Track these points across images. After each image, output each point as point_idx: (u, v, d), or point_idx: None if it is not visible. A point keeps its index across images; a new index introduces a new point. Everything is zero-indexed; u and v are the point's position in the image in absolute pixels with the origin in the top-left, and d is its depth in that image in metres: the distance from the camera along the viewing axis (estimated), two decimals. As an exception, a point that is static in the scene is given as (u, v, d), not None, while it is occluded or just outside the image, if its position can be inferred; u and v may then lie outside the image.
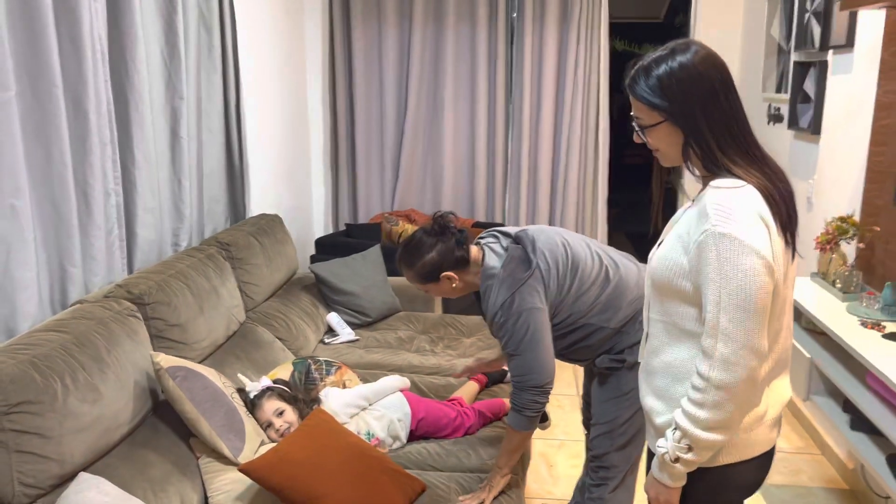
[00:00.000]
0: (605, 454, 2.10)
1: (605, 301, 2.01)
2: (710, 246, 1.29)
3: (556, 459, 3.11)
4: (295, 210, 4.43)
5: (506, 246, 2.03)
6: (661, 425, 1.45)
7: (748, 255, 1.26)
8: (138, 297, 2.20)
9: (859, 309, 2.43)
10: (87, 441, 1.75)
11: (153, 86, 2.69)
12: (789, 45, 3.67)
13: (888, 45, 2.61)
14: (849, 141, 2.93)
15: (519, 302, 1.92)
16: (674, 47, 1.38)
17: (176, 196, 2.86)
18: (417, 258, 2.02)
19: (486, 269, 2.00)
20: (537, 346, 1.93)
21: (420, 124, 4.66)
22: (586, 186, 4.68)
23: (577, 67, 4.49)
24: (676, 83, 1.35)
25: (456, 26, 4.51)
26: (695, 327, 1.38)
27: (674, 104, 1.35)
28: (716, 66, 1.36)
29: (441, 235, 2.03)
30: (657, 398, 1.47)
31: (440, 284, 2.05)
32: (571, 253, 2.02)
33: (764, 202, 1.31)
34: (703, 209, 1.33)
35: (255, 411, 2.17)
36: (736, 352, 1.27)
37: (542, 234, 2.04)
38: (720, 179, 1.35)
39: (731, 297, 1.27)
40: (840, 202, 2.99)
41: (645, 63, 1.39)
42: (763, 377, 1.35)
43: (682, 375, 1.41)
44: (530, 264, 1.95)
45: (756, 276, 1.26)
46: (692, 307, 1.37)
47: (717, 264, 1.28)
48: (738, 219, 1.28)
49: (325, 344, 3.18)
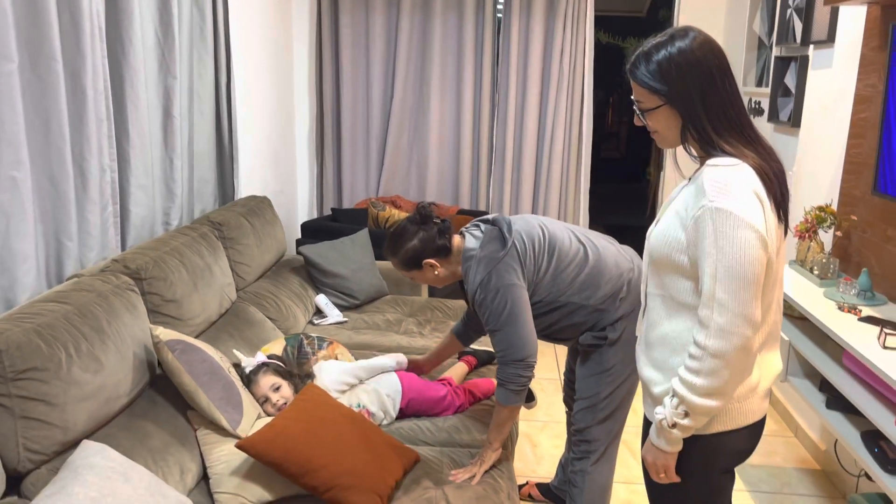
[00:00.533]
0: (587, 428, 2.18)
1: (584, 280, 2.09)
2: (707, 220, 1.35)
3: (540, 440, 3.18)
4: (280, 194, 4.45)
5: (484, 230, 2.12)
6: (659, 395, 1.51)
7: (743, 228, 1.33)
8: (135, 272, 2.22)
9: (836, 294, 2.52)
10: (90, 409, 1.77)
11: (147, 64, 2.69)
12: (771, 39, 3.76)
13: (868, 41, 2.70)
14: (827, 133, 3.03)
15: (496, 279, 2.00)
16: (673, 33, 1.44)
17: (167, 175, 2.87)
18: (401, 245, 2.12)
19: (466, 252, 2.09)
20: (516, 320, 2.00)
21: (406, 112, 4.69)
22: (569, 176, 4.75)
23: (563, 59, 4.55)
24: (675, 68, 1.41)
25: (443, 15, 4.55)
26: (692, 300, 1.44)
27: (672, 88, 1.42)
28: (713, 51, 1.43)
29: (423, 224, 2.12)
30: (655, 369, 1.53)
31: (423, 272, 2.14)
32: (548, 234, 2.11)
33: (758, 179, 1.38)
34: (700, 186, 1.39)
35: (252, 386, 2.21)
36: (731, 321, 1.33)
37: (520, 218, 2.15)
38: (717, 158, 1.41)
39: (727, 269, 1.33)
40: (818, 192, 3.08)
41: (645, 49, 1.45)
42: (756, 347, 1.41)
43: (679, 347, 1.47)
44: (505, 243, 2.04)
45: (750, 249, 1.33)
46: (689, 280, 1.43)
47: (714, 238, 1.34)
48: (733, 194, 1.35)
49: (314, 325, 3.22)
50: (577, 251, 2.10)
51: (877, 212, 2.61)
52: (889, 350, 2.05)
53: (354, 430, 2.02)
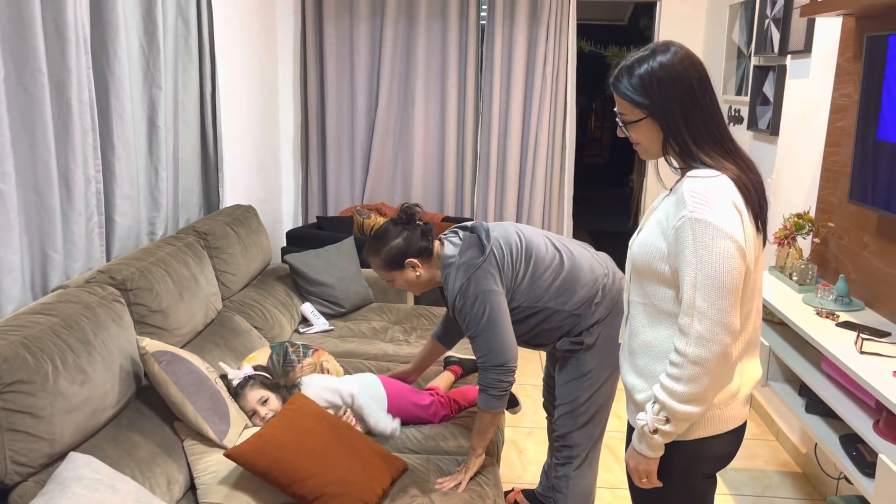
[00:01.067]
0: (568, 433, 2.21)
1: (560, 285, 2.12)
2: (687, 230, 1.38)
3: (526, 445, 3.21)
4: (265, 202, 4.45)
5: (463, 237, 2.15)
6: (642, 401, 1.54)
7: (722, 239, 1.36)
8: (121, 282, 2.22)
9: (814, 300, 2.57)
10: (77, 421, 1.78)
11: (132, 75, 2.70)
12: (749, 49, 3.83)
13: (843, 51, 2.75)
14: (805, 141, 3.08)
15: (475, 285, 2.04)
16: (654, 48, 1.48)
17: (152, 185, 2.87)
18: (384, 244, 2.14)
19: (445, 258, 2.12)
20: (495, 326, 2.04)
21: (391, 119, 4.71)
22: (553, 183, 4.79)
23: (546, 66, 4.60)
24: (657, 82, 1.45)
25: (427, 23, 4.58)
26: (673, 308, 1.47)
27: (654, 101, 1.45)
28: (694, 65, 1.46)
29: (407, 224, 2.15)
30: (638, 376, 1.56)
31: (404, 272, 2.16)
32: (525, 240, 2.14)
33: (737, 191, 1.42)
34: (680, 197, 1.42)
35: (239, 400, 2.21)
36: (710, 329, 1.37)
37: (497, 225, 2.18)
38: (697, 170, 1.45)
39: (706, 278, 1.37)
40: (797, 199, 3.14)
41: (628, 63, 1.49)
42: (735, 355, 1.45)
43: (661, 354, 1.50)
44: (484, 250, 2.07)
45: (729, 259, 1.36)
46: (670, 289, 1.47)
47: (694, 247, 1.37)
48: (713, 205, 1.38)
49: (299, 333, 3.22)
50: (552, 257, 2.13)
51: (853, 219, 2.66)
52: (866, 355, 2.09)
53: (342, 438, 2.04)
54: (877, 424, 1.99)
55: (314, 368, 2.49)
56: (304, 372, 2.47)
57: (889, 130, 2.27)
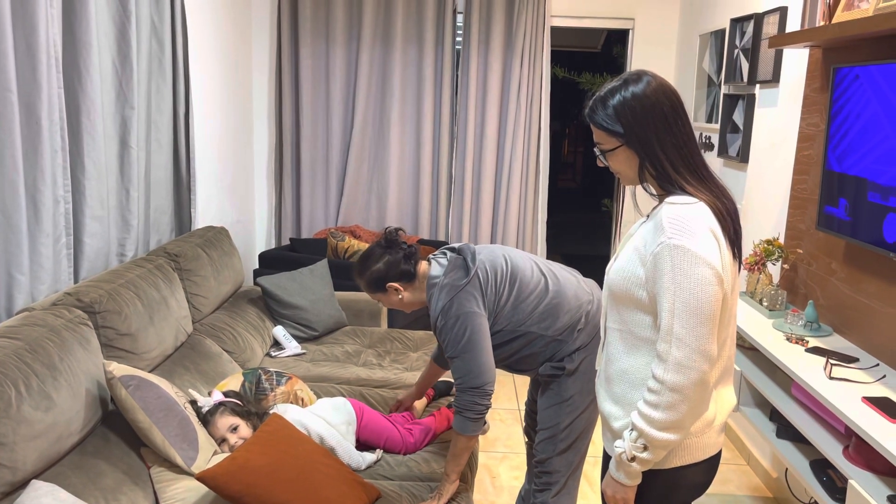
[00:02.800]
0: (547, 459, 2.19)
1: (544, 310, 2.13)
2: (666, 257, 1.39)
3: (499, 471, 3.19)
4: (238, 223, 4.41)
5: (449, 258, 2.16)
6: (619, 429, 1.54)
7: (701, 266, 1.37)
8: (89, 305, 2.18)
9: (784, 325, 2.60)
10: (40, 448, 1.73)
11: (104, 94, 2.67)
12: (720, 78, 3.90)
13: (810, 82, 2.82)
14: (774, 169, 3.14)
15: (457, 306, 2.05)
16: (627, 78, 1.51)
17: (123, 206, 2.83)
18: (367, 267, 2.18)
19: (430, 279, 2.13)
20: (475, 347, 2.04)
21: (366, 142, 4.72)
22: (527, 207, 4.82)
23: (520, 92, 4.64)
24: (630, 111, 1.47)
25: (403, 48, 4.61)
26: (650, 334, 1.48)
27: (629, 130, 1.47)
28: (665, 94, 1.49)
29: (389, 249, 2.17)
30: (615, 403, 1.56)
31: (388, 295, 2.19)
32: (511, 264, 2.16)
33: (714, 217, 1.44)
34: (658, 223, 1.43)
35: (209, 427, 2.17)
36: (688, 356, 1.37)
37: (485, 248, 2.20)
38: (674, 196, 1.47)
39: (685, 305, 1.37)
40: (766, 226, 3.19)
41: (602, 94, 1.52)
42: (713, 382, 1.45)
43: (638, 381, 1.51)
44: (468, 272, 2.09)
45: (707, 286, 1.37)
46: (648, 315, 1.47)
47: (672, 274, 1.39)
48: (691, 232, 1.39)
49: (271, 357, 3.18)
50: (538, 282, 2.14)
51: (821, 246, 2.71)
52: (835, 380, 2.12)
53: (316, 465, 2.00)
54: (846, 450, 2.01)
55: (288, 397, 2.46)
56: (276, 400, 2.43)
57: (836, 160, 2.33)
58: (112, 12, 2.70)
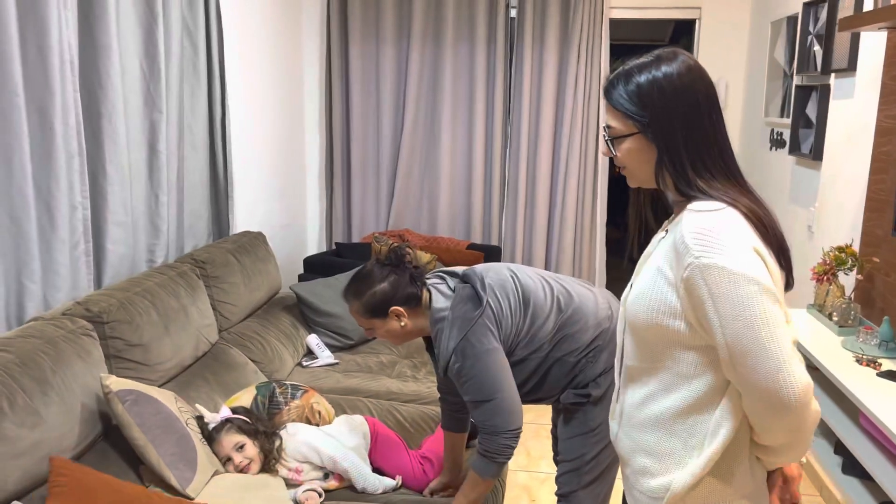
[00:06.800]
0: (572, 493, 1.98)
1: (560, 332, 1.90)
2: (699, 283, 1.14)
3: (540, 494, 2.98)
4: (287, 227, 4.36)
5: (453, 286, 1.91)
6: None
7: (742, 284, 1.12)
8: (97, 315, 2.11)
9: (855, 344, 2.30)
10: (24, 467, 1.66)
11: (130, 99, 2.63)
12: (792, 68, 3.57)
13: (889, 69, 2.51)
14: (850, 167, 2.82)
15: (473, 345, 1.81)
16: (660, 54, 1.27)
17: (152, 211, 2.79)
18: (367, 287, 1.90)
19: (435, 312, 1.88)
20: (500, 390, 1.82)
21: (417, 143, 4.59)
22: (584, 208, 4.59)
23: (577, 89, 4.42)
24: (658, 92, 1.24)
25: (455, 46, 4.46)
26: (690, 370, 1.23)
27: (651, 115, 1.24)
28: (702, 79, 1.26)
29: (396, 267, 1.91)
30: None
31: (387, 321, 1.92)
32: (521, 285, 1.91)
33: (748, 224, 1.18)
34: (680, 239, 1.18)
35: (214, 445, 2.07)
36: (773, 398, 1.12)
37: (489, 270, 1.94)
38: (697, 202, 1.22)
39: (736, 339, 1.13)
40: (840, 231, 2.87)
41: (626, 68, 1.28)
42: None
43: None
44: (480, 302, 1.84)
45: (756, 304, 1.12)
46: (686, 350, 1.22)
47: (712, 302, 1.14)
48: (721, 245, 1.14)
49: (303, 367, 3.09)
50: (551, 302, 1.92)
51: (901, 254, 2.39)
52: (909, 412, 1.83)
53: None
54: (920, 494, 1.73)
55: (303, 411, 2.34)
56: (290, 415, 2.31)
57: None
58: (138, 15, 2.65)
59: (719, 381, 1.20)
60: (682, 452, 1.24)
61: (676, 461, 1.25)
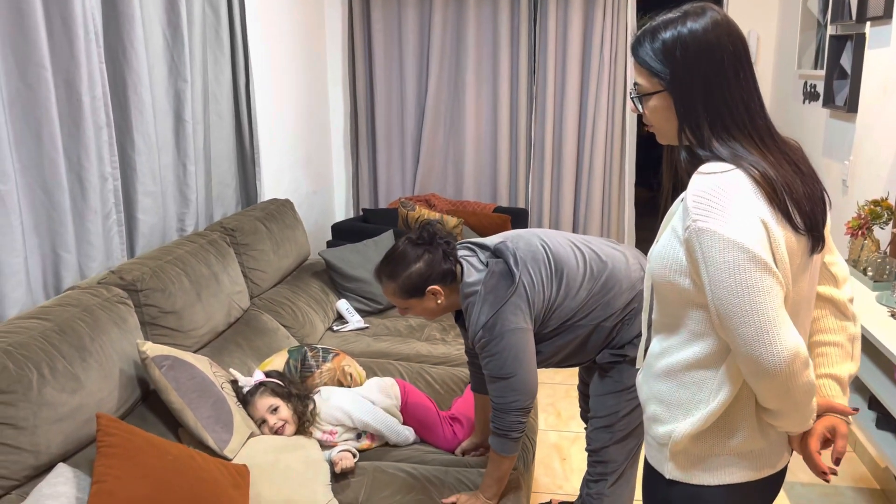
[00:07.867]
0: (603, 448, 2.00)
1: (595, 299, 1.90)
2: (695, 244, 1.15)
3: (571, 452, 3.00)
4: (314, 195, 4.38)
5: (485, 260, 1.90)
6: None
7: (730, 250, 1.12)
8: (131, 283, 2.15)
9: (890, 299, 2.27)
10: (66, 431, 1.71)
11: (155, 69, 2.64)
12: (826, 18, 3.46)
13: (928, 15, 2.42)
14: (886, 119, 2.75)
15: (502, 322, 1.81)
16: (687, 10, 1.25)
17: (181, 180, 2.81)
18: (403, 268, 1.89)
19: (466, 286, 1.88)
20: (521, 368, 1.83)
21: (441, 107, 4.55)
22: (612, 169, 4.53)
23: (603, 46, 4.33)
24: (682, 49, 1.22)
25: (477, 6, 4.39)
26: (700, 328, 1.24)
27: (675, 72, 1.23)
28: (730, 35, 1.22)
29: (429, 245, 1.91)
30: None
31: (423, 301, 1.92)
32: (553, 255, 1.90)
33: (756, 188, 1.16)
34: (686, 201, 1.19)
35: (248, 408, 2.11)
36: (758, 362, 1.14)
37: (520, 240, 1.92)
38: (707, 164, 1.20)
39: (722, 304, 1.14)
40: (876, 184, 2.80)
41: (654, 24, 1.27)
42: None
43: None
44: (513, 279, 1.83)
45: (741, 273, 1.12)
46: (695, 308, 1.24)
47: (704, 265, 1.15)
48: (720, 208, 1.14)
49: (333, 331, 3.12)
50: (585, 270, 1.91)
51: (939, 206, 2.33)
52: (946, 366, 1.81)
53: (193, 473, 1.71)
54: (957, 448, 1.71)
55: (334, 374, 2.37)
56: (322, 378, 2.35)
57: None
58: (159, -18, 2.65)
59: (724, 341, 1.21)
60: (690, 405, 1.28)
61: (684, 411, 1.29)
